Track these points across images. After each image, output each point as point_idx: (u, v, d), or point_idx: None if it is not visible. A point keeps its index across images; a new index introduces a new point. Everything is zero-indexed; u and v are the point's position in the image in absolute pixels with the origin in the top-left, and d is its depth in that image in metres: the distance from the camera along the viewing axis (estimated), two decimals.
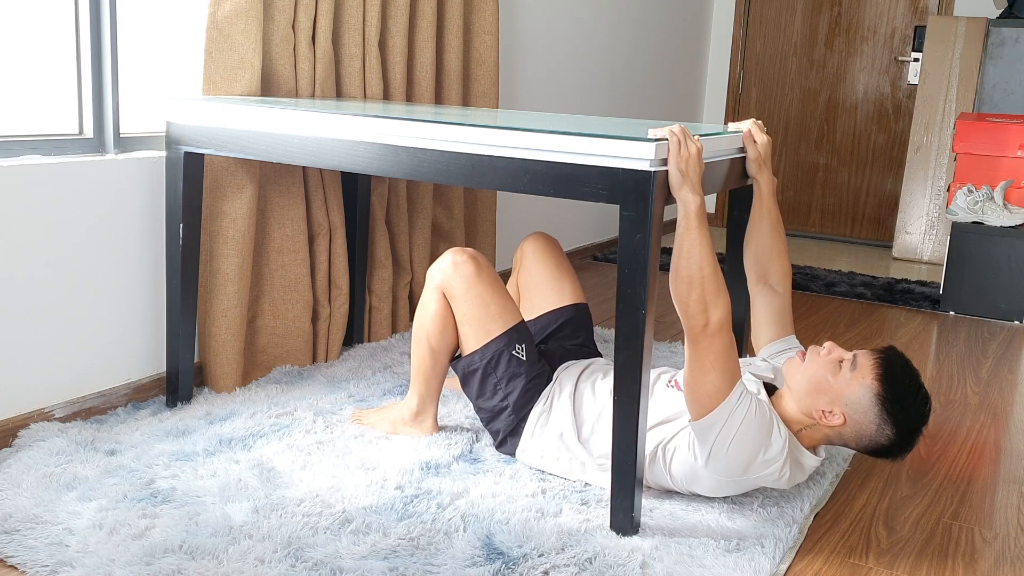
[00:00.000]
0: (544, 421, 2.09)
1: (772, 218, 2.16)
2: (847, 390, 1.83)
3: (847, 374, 1.84)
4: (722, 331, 1.75)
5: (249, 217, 2.49)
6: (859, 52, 5.42)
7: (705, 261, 1.75)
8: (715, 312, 1.74)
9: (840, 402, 1.84)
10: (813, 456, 1.91)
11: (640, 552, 1.75)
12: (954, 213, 3.91)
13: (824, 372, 1.86)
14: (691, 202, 1.75)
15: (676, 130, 1.73)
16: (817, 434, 1.89)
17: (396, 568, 1.65)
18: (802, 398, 1.88)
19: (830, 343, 1.91)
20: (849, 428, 1.85)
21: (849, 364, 1.85)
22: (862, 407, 1.83)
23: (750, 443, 1.80)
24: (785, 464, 1.84)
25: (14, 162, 2.12)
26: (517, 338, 2.12)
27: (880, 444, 1.85)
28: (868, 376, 1.83)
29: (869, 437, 1.85)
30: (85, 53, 2.31)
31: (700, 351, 1.75)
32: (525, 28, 3.86)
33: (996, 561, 1.85)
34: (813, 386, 1.86)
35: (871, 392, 1.82)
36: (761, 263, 2.18)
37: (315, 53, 2.63)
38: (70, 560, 1.63)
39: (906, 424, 1.82)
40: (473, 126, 1.86)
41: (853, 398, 1.83)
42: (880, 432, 1.83)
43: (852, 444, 1.89)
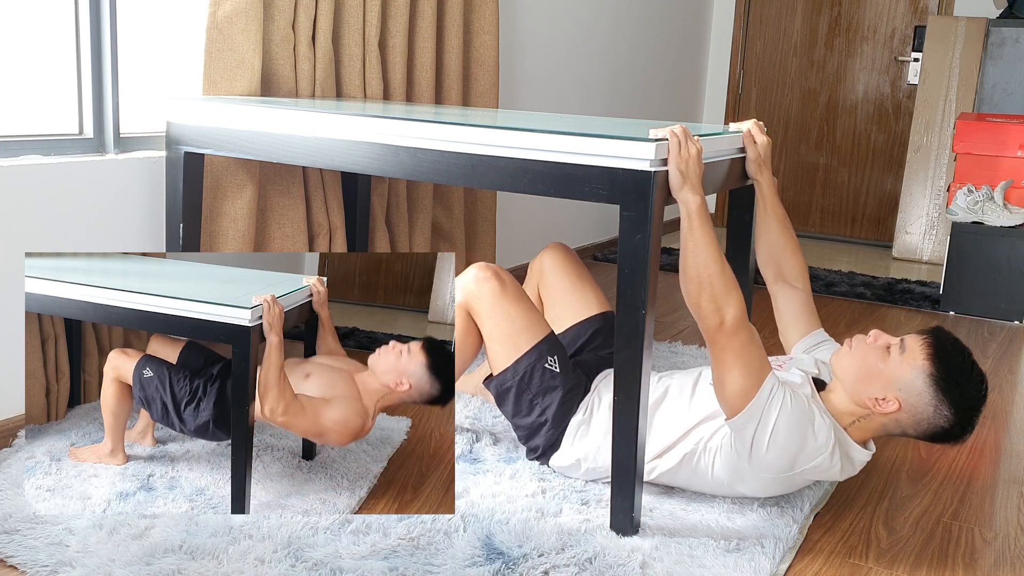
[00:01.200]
0: (584, 432, 2.03)
1: (778, 217, 2.14)
2: (899, 374, 1.79)
3: (897, 358, 1.80)
4: (739, 328, 1.73)
5: (249, 217, 2.49)
6: (859, 52, 5.42)
7: (711, 259, 1.74)
8: (728, 310, 1.73)
9: (893, 387, 1.80)
10: (863, 450, 1.87)
11: (640, 552, 1.75)
12: (954, 213, 3.91)
13: (873, 359, 1.82)
14: (692, 202, 1.75)
15: (676, 130, 1.73)
16: (873, 424, 1.85)
17: (396, 568, 1.65)
18: (854, 387, 1.84)
19: (876, 331, 1.87)
20: (905, 413, 1.81)
21: (897, 348, 1.82)
22: (916, 390, 1.78)
23: (792, 435, 1.77)
24: (834, 453, 1.80)
25: (14, 162, 2.12)
26: (548, 350, 2.06)
27: (939, 427, 1.80)
28: (919, 357, 1.79)
29: (927, 420, 1.80)
30: (85, 53, 2.31)
31: (719, 351, 1.74)
32: (525, 28, 3.86)
33: (996, 561, 1.85)
34: (863, 374, 1.82)
35: (924, 373, 1.77)
36: (775, 261, 2.16)
37: (315, 53, 2.63)
38: (70, 560, 1.63)
39: (963, 402, 1.77)
40: (473, 126, 1.85)
41: (906, 381, 1.79)
42: (938, 413, 1.78)
43: (911, 431, 1.84)
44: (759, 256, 2.19)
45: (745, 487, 1.91)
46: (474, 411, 2.43)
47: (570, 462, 2.04)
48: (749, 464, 1.83)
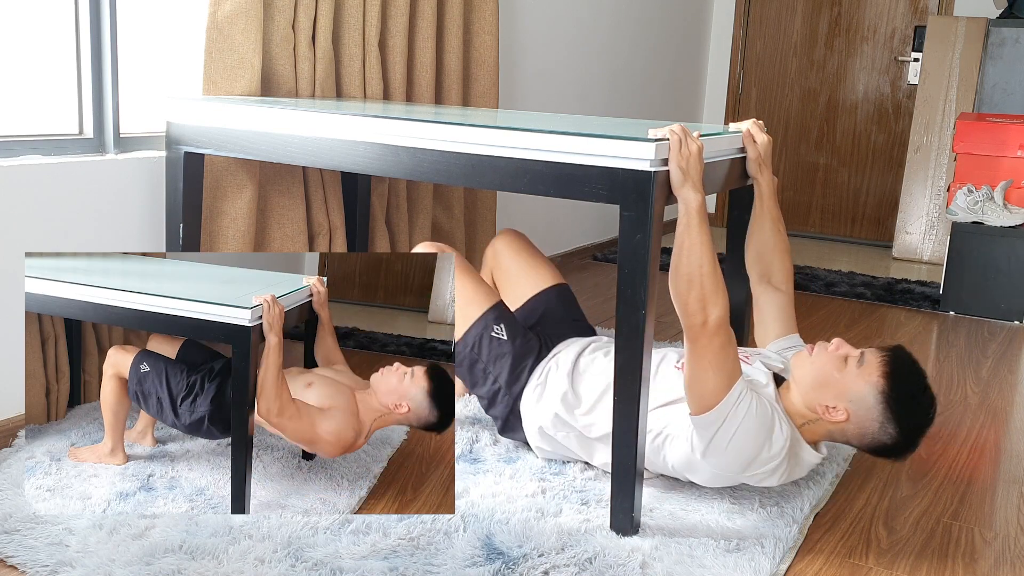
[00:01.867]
0: (539, 395, 2.08)
1: (773, 217, 2.15)
2: (853, 386, 1.82)
3: (853, 370, 1.83)
4: (721, 330, 1.75)
5: (249, 217, 2.49)
6: (859, 52, 5.42)
7: (705, 260, 1.75)
8: (714, 310, 1.74)
9: (844, 398, 1.82)
10: (814, 452, 1.90)
11: (640, 552, 1.75)
12: (954, 213, 3.90)
13: (831, 367, 1.85)
14: (692, 200, 1.75)
15: (676, 129, 1.73)
16: (820, 429, 1.88)
17: (396, 568, 1.65)
18: (807, 392, 1.87)
19: (839, 339, 1.89)
20: (852, 425, 1.84)
21: (856, 361, 1.84)
22: (866, 404, 1.81)
23: (751, 441, 1.79)
24: (783, 463, 1.84)
25: (14, 162, 2.12)
26: (495, 319, 2.13)
27: (882, 443, 1.83)
28: (875, 373, 1.81)
29: (872, 435, 1.83)
30: (85, 53, 2.31)
31: (699, 349, 1.75)
32: (525, 28, 3.86)
33: (996, 561, 1.85)
34: (819, 380, 1.85)
35: (876, 389, 1.80)
36: (763, 262, 2.18)
37: (315, 53, 2.63)
38: (70, 560, 1.63)
39: (909, 424, 1.81)
40: (473, 126, 1.85)
41: (858, 395, 1.82)
42: (883, 430, 1.81)
43: (855, 442, 1.87)
44: (748, 254, 2.21)
45: (695, 476, 1.94)
46: (474, 410, 2.43)
47: (535, 429, 2.09)
48: (703, 459, 1.85)
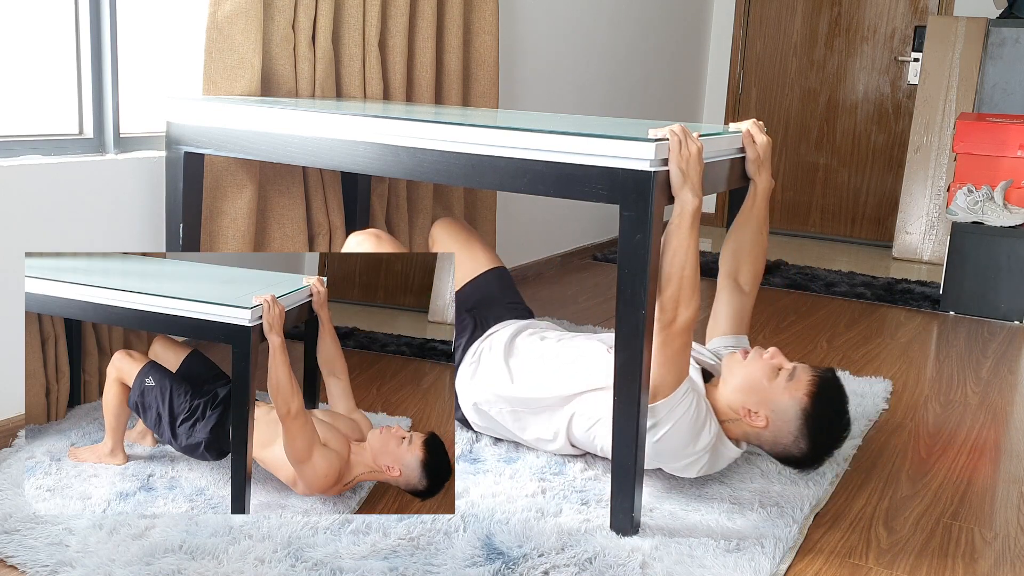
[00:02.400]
0: (473, 372, 2.15)
1: (759, 219, 2.20)
2: (778, 397, 1.91)
3: (782, 383, 1.92)
4: (685, 332, 1.80)
5: (249, 217, 2.49)
6: (859, 52, 5.42)
7: (688, 262, 1.79)
8: (684, 312, 1.79)
9: (767, 406, 1.92)
10: (735, 448, 1.99)
11: (640, 552, 1.75)
12: (954, 213, 3.91)
13: (761, 375, 1.93)
14: (689, 204, 1.76)
15: (677, 129, 1.73)
16: (737, 429, 1.98)
17: (396, 568, 1.65)
18: (733, 393, 1.95)
19: (775, 349, 1.98)
20: (768, 432, 1.94)
21: (787, 374, 1.93)
22: (786, 417, 1.91)
23: (681, 438, 1.87)
24: (703, 457, 1.93)
25: (14, 162, 2.12)
26: None
27: (791, 455, 1.94)
28: (801, 391, 1.90)
29: (783, 446, 1.94)
30: (85, 53, 2.31)
31: (659, 344, 1.79)
32: (525, 28, 3.86)
33: (996, 561, 1.85)
34: (747, 385, 1.94)
35: (799, 406, 1.90)
36: (736, 260, 2.23)
37: (315, 53, 2.63)
38: (70, 560, 1.63)
39: (820, 444, 1.92)
40: (473, 126, 1.86)
41: (781, 406, 1.91)
42: (795, 444, 1.92)
43: (766, 447, 1.97)
44: (724, 248, 2.26)
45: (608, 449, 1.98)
46: None
47: (470, 405, 2.15)
48: None
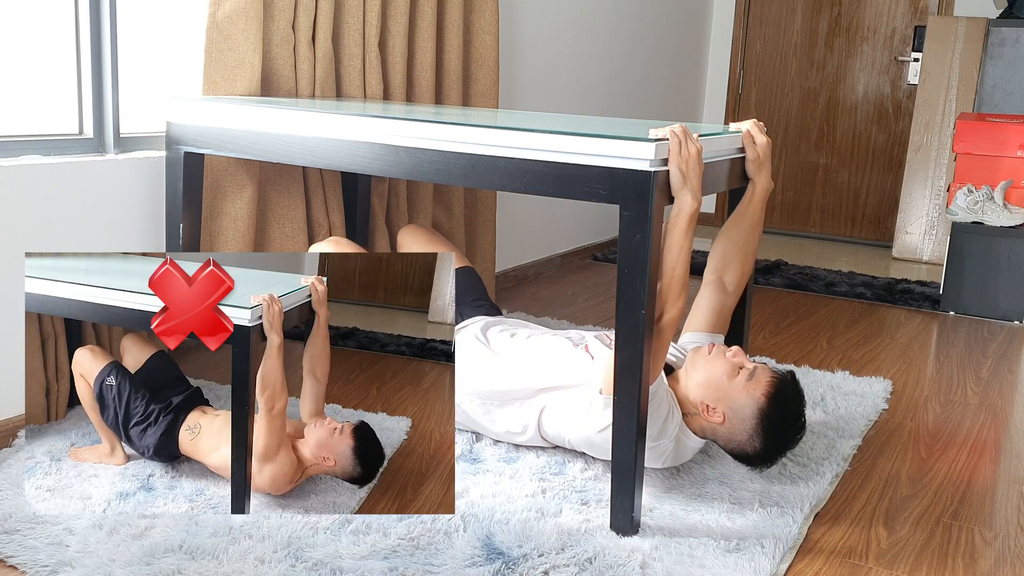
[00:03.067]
0: None
1: (754, 220, 2.20)
2: (736, 396, 1.95)
3: (742, 382, 1.95)
4: (668, 329, 1.83)
5: (249, 217, 2.49)
6: (859, 52, 5.42)
7: (680, 263, 1.80)
8: (670, 311, 1.82)
9: (725, 403, 1.96)
10: (697, 439, 2.03)
11: (640, 552, 1.75)
12: (954, 213, 3.91)
13: (722, 372, 1.97)
14: (688, 206, 1.77)
15: (677, 130, 1.73)
16: (695, 423, 2.01)
17: (396, 568, 1.65)
18: (694, 387, 1.99)
19: (738, 348, 2.02)
20: (724, 428, 1.97)
21: (748, 374, 1.96)
22: (743, 415, 1.94)
23: (651, 430, 1.89)
24: (668, 447, 1.98)
25: (14, 162, 2.12)
26: None
27: (745, 452, 1.98)
28: (759, 391, 1.94)
29: (738, 443, 1.97)
30: (85, 53, 2.31)
31: None
32: (525, 28, 3.86)
33: (996, 561, 1.85)
34: (708, 380, 1.97)
35: (756, 405, 1.93)
36: (725, 259, 2.23)
37: (315, 53, 2.63)
38: (70, 560, 1.63)
39: (774, 443, 1.95)
40: (473, 126, 1.86)
41: (738, 404, 1.95)
42: (750, 443, 1.95)
43: (721, 443, 2.01)
44: (714, 246, 2.27)
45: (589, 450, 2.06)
46: None
47: None
48: (599, 435, 1.97)
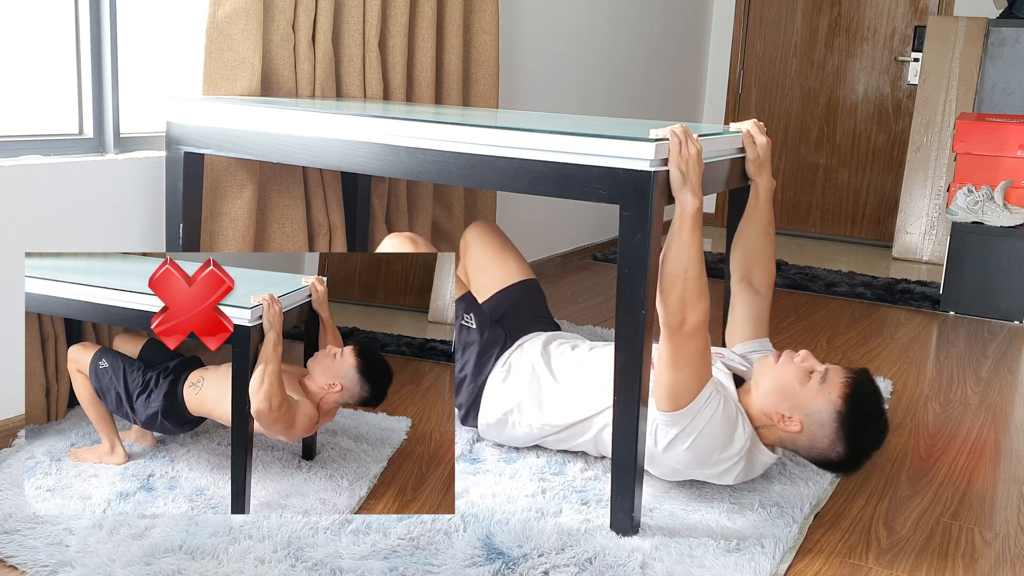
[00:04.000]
0: (501, 386, 2.12)
1: (765, 220, 2.18)
2: (811, 401, 1.87)
3: (815, 386, 1.87)
4: (697, 334, 1.78)
5: (249, 217, 2.49)
6: (859, 52, 5.42)
7: (692, 264, 1.77)
8: (693, 315, 1.77)
9: (801, 410, 1.87)
10: (771, 453, 1.95)
11: (640, 552, 1.75)
12: (954, 213, 3.91)
13: (793, 378, 1.89)
14: (690, 205, 1.76)
15: (677, 130, 1.73)
16: (772, 435, 1.93)
17: (396, 568, 1.65)
18: (766, 398, 1.91)
19: (806, 352, 1.94)
20: (804, 437, 1.89)
21: (820, 376, 1.88)
22: (821, 420, 1.86)
23: (712, 442, 1.84)
24: (740, 462, 1.89)
25: (14, 162, 2.12)
26: (464, 308, 2.18)
27: (829, 459, 1.89)
28: (835, 392, 1.86)
29: (820, 450, 1.89)
30: (85, 53, 2.31)
31: (673, 349, 1.78)
32: (525, 28, 3.86)
33: (996, 561, 1.85)
34: (779, 389, 1.89)
35: (833, 408, 1.85)
36: (747, 263, 2.20)
37: (315, 53, 2.63)
38: (70, 560, 1.63)
39: (858, 446, 1.86)
40: (473, 126, 1.86)
41: (815, 410, 1.86)
42: (832, 448, 1.87)
43: (803, 452, 1.93)
44: (732, 252, 2.22)
45: (654, 469, 1.96)
46: None
47: (496, 418, 2.12)
48: (662, 452, 1.89)
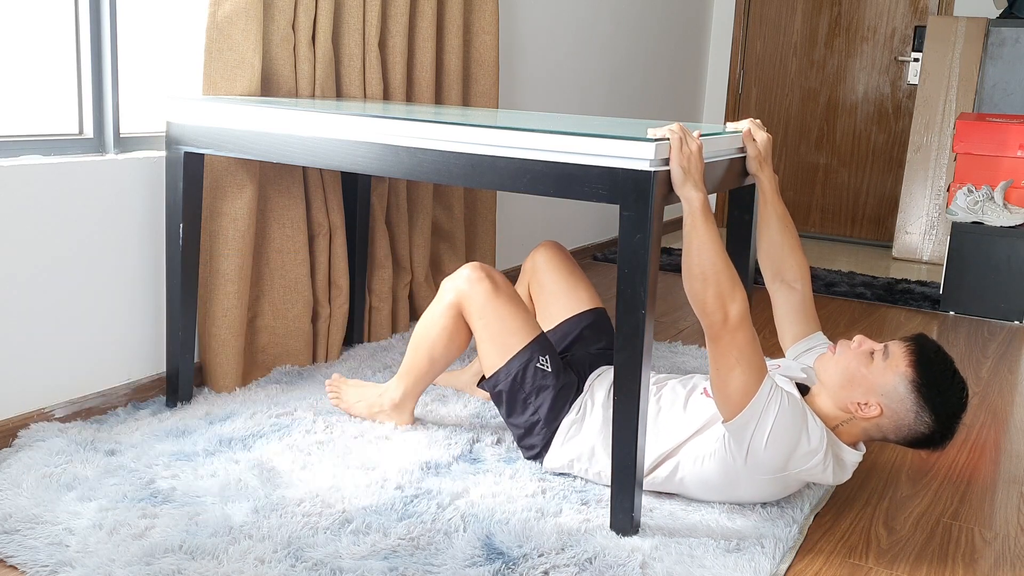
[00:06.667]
0: (576, 431, 2.04)
1: (779, 214, 2.12)
2: (881, 380, 1.82)
3: (880, 364, 1.83)
4: (743, 324, 1.73)
5: (249, 217, 2.49)
6: (859, 52, 5.42)
7: (716, 256, 1.73)
8: (733, 305, 1.72)
9: (875, 392, 1.82)
10: (853, 451, 1.88)
11: (640, 552, 1.75)
12: (954, 213, 3.91)
13: (856, 364, 1.84)
14: (695, 199, 1.74)
15: (676, 129, 1.73)
16: (855, 429, 1.87)
17: (396, 568, 1.65)
18: (837, 392, 1.86)
19: (860, 336, 1.89)
20: (887, 419, 1.83)
21: (881, 354, 1.84)
22: (898, 396, 1.81)
23: (788, 434, 1.78)
24: (827, 455, 1.82)
25: (14, 162, 2.12)
26: (539, 350, 2.08)
27: (920, 433, 1.82)
28: (902, 364, 1.81)
29: (908, 426, 1.82)
30: (85, 53, 2.31)
31: (723, 348, 1.73)
32: (525, 28, 3.86)
33: (996, 561, 1.85)
34: (847, 379, 1.85)
35: (906, 379, 1.80)
36: (774, 260, 2.14)
37: (315, 53, 2.63)
38: (70, 560, 1.63)
39: (944, 409, 1.80)
40: (473, 126, 1.85)
41: (888, 387, 1.81)
42: (919, 420, 1.80)
43: (892, 436, 1.86)
44: (759, 254, 2.17)
45: (742, 491, 1.91)
46: (474, 410, 2.43)
47: (563, 462, 2.05)
48: (745, 465, 1.83)
